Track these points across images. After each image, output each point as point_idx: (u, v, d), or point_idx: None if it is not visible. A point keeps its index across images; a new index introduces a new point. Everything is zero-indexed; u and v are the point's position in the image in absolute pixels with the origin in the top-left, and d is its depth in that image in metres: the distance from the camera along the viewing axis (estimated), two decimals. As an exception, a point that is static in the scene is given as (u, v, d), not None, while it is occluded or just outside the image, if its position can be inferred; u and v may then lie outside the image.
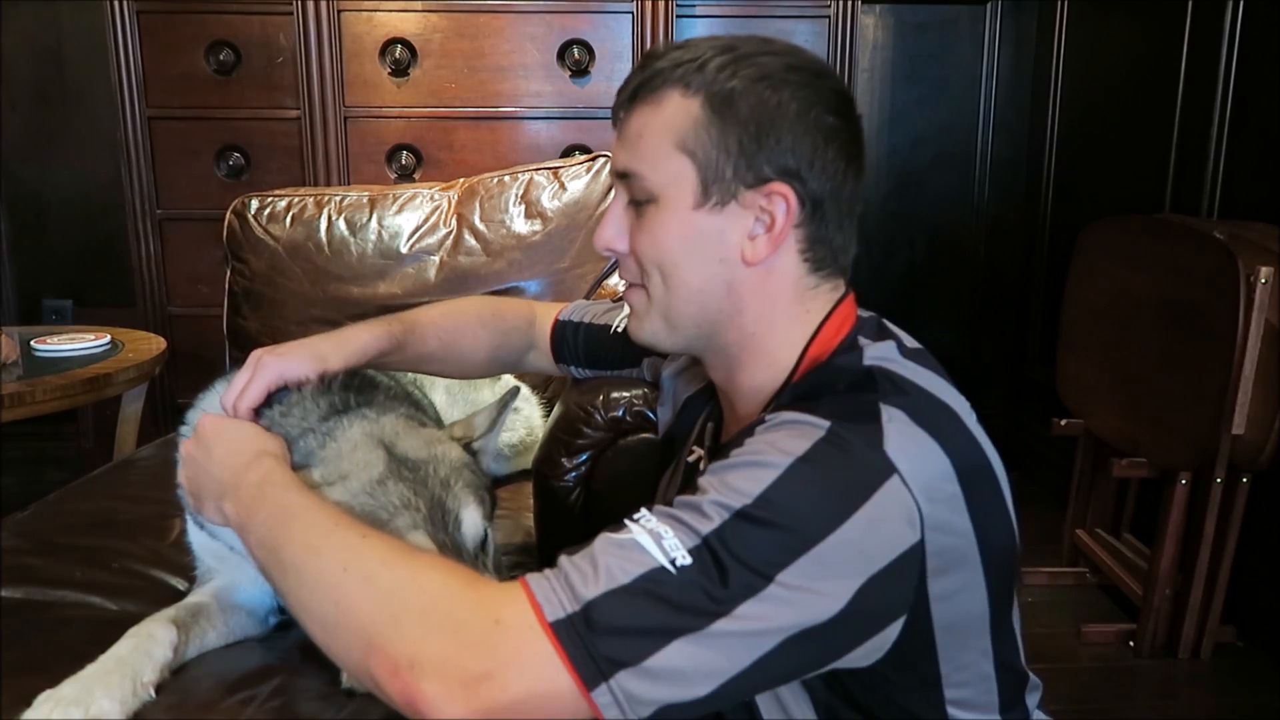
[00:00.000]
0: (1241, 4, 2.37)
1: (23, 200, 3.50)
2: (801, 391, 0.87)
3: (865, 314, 0.94)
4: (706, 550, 0.69)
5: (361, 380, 1.11)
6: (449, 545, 0.92)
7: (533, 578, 0.71)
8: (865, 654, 0.76)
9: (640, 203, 0.88)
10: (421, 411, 1.17)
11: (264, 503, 0.84)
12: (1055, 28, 3.28)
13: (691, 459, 1.06)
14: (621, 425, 1.24)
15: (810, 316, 0.90)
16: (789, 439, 0.75)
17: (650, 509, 0.74)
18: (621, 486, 1.24)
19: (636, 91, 0.88)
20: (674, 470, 1.12)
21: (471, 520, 0.95)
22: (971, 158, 3.79)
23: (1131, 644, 2.28)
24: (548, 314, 1.35)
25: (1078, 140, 3.22)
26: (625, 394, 1.24)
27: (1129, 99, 2.88)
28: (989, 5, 3.66)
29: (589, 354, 1.32)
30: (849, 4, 2.89)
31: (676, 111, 0.85)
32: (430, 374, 1.27)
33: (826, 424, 0.75)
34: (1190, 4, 2.55)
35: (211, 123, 2.87)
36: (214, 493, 0.91)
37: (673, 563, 0.69)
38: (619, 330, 1.26)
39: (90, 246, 3.48)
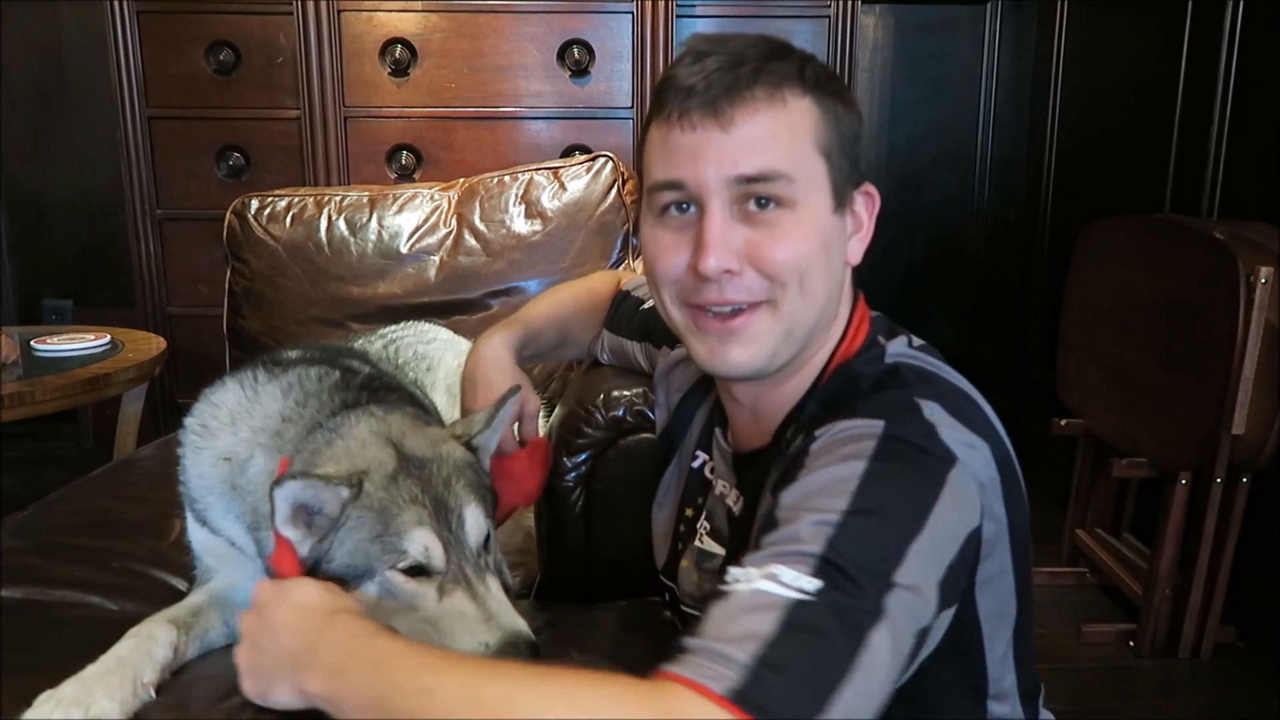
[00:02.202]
0: (1241, 4, 2.37)
1: (23, 200, 3.50)
2: (829, 396, 0.87)
3: (874, 313, 0.95)
4: (829, 566, 0.67)
5: (379, 381, 1.13)
6: (452, 542, 0.93)
7: (675, 667, 0.64)
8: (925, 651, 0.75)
9: (762, 207, 0.83)
10: (425, 412, 1.18)
11: (354, 660, 0.75)
12: (1055, 28, 3.28)
13: (696, 464, 1.06)
14: (622, 425, 1.24)
15: (842, 318, 0.92)
16: (852, 446, 0.74)
17: (740, 564, 0.70)
18: (622, 486, 1.23)
19: (747, 87, 0.82)
20: (677, 472, 1.12)
21: (474, 518, 0.96)
22: (971, 158, 3.80)
23: (1131, 644, 2.28)
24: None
25: (1078, 140, 3.22)
26: (626, 393, 1.24)
27: (1129, 99, 2.88)
28: (989, 5, 3.66)
29: (614, 320, 1.32)
30: (849, 4, 2.89)
31: (802, 112, 0.83)
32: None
33: (880, 424, 0.75)
34: (1190, 4, 2.55)
35: (211, 123, 2.87)
36: (286, 667, 0.78)
37: (804, 591, 0.65)
38: (647, 307, 1.25)
39: (90, 246, 3.48)
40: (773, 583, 0.66)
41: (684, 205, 0.85)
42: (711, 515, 1.03)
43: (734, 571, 0.69)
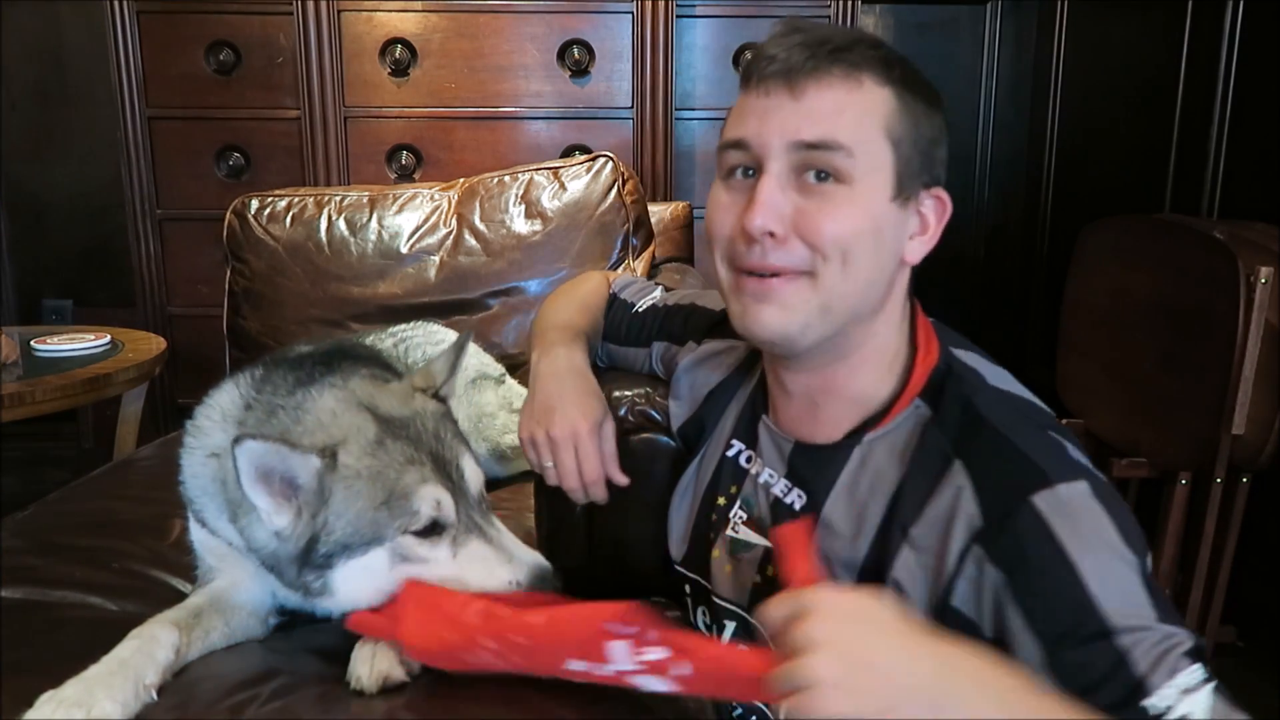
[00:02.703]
0: (1241, 4, 2.37)
1: (23, 200, 3.49)
2: (951, 423, 0.87)
3: (930, 318, 0.97)
4: (1187, 655, 0.71)
5: (332, 352, 1.12)
6: (458, 493, 0.94)
7: None
8: None
9: (820, 180, 0.84)
10: (388, 369, 1.16)
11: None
12: (1055, 28, 3.28)
13: (731, 453, 1.05)
14: (624, 425, 1.24)
15: (906, 320, 0.94)
16: (1090, 526, 0.76)
17: (1142, 695, 0.69)
18: (624, 486, 1.23)
19: (825, 64, 0.84)
20: (701, 463, 1.11)
21: (471, 467, 0.98)
22: (971, 158, 3.79)
23: (1132, 644, 2.28)
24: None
25: (1078, 140, 3.22)
26: (628, 393, 1.24)
27: (1129, 99, 2.88)
28: (989, 5, 3.66)
29: (610, 328, 1.30)
30: (849, 4, 2.89)
31: (876, 97, 0.85)
32: None
33: (1082, 485, 0.78)
34: (1190, 4, 2.55)
35: (211, 123, 2.87)
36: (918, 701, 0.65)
37: (1206, 682, 0.70)
38: (640, 310, 1.26)
39: (90, 246, 3.48)
40: (1183, 694, 0.69)
41: (749, 170, 0.88)
42: (749, 504, 1.02)
43: (1146, 704, 0.69)
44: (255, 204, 2.18)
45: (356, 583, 0.93)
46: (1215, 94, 2.44)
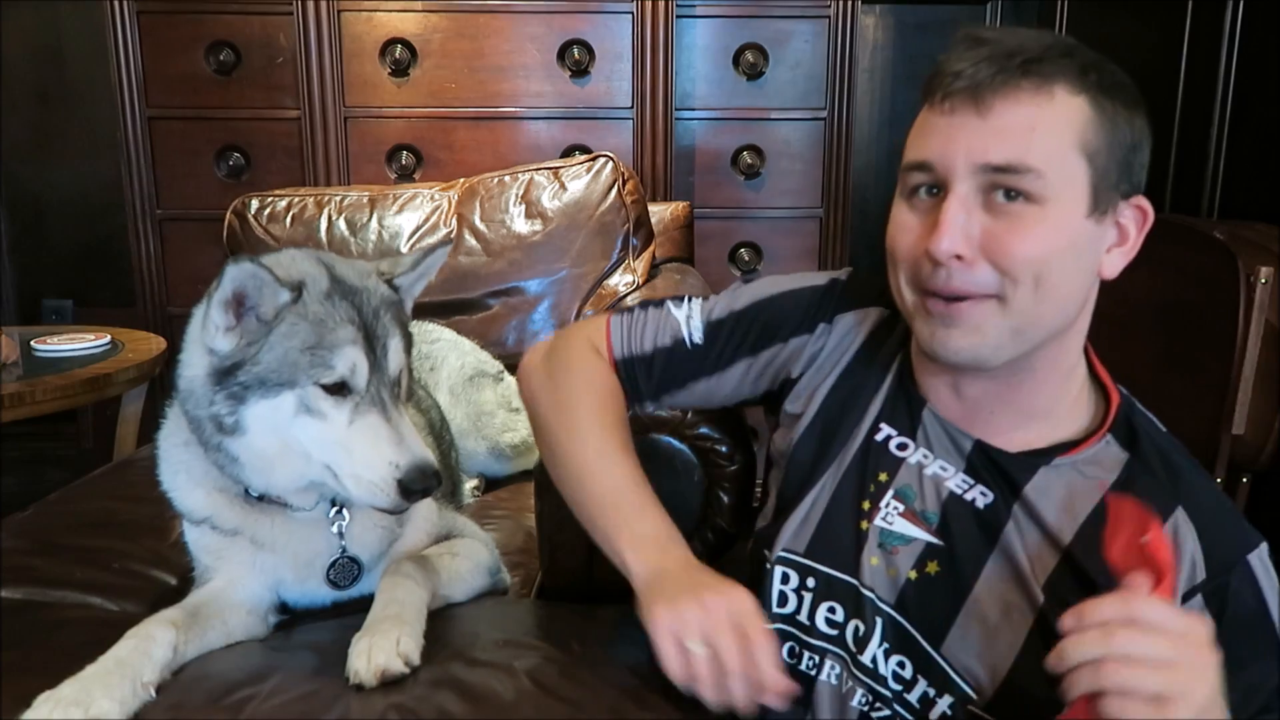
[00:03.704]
0: (1241, 4, 2.37)
1: (23, 200, 3.50)
2: (1126, 438, 0.91)
3: None
4: None
5: None
6: (375, 367, 1.00)
7: None
8: None
9: (1009, 199, 0.81)
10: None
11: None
12: (1055, 28, 3.28)
13: (880, 437, 0.97)
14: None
15: (1084, 331, 0.93)
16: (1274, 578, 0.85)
17: None
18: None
19: (1014, 78, 0.80)
20: (832, 444, 0.99)
21: (395, 349, 1.03)
22: (971, 158, 3.79)
23: (1132, 644, 2.28)
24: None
25: (1078, 140, 3.22)
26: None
27: (1129, 99, 2.88)
28: (989, 5, 3.66)
29: (663, 381, 1.08)
30: (849, 4, 2.89)
31: (1070, 109, 0.81)
32: None
33: (1261, 543, 0.86)
34: (1190, 4, 2.55)
35: (211, 123, 2.87)
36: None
37: None
38: (697, 341, 1.05)
39: (90, 246, 3.48)
40: None
41: (933, 189, 0.84)
42: (906, 494, 0.94)
43: None
44: (255, 204, 2.18)
45: (263, 422, 0.99)
46: (1215, 94, 2.44)
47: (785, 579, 0.96)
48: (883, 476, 0.96)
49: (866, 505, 0.95)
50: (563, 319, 2.12)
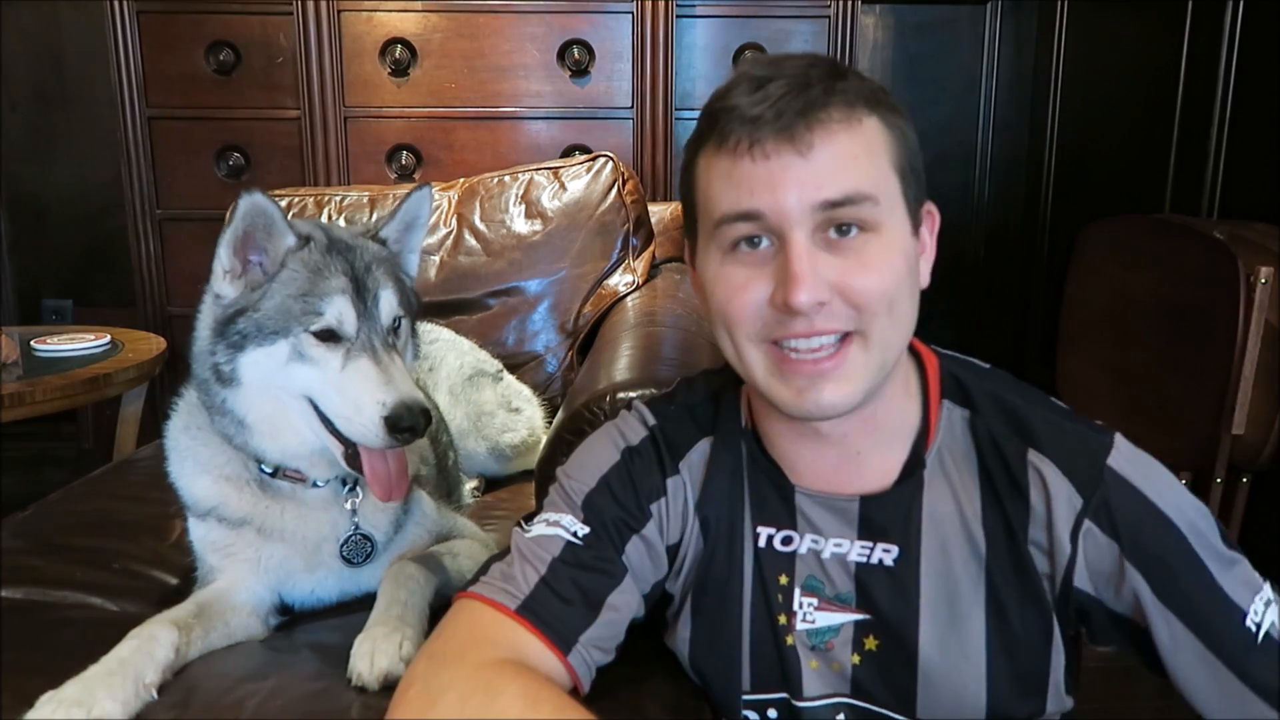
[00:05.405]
0: (1241, 4, 2.37)
1: (23, 200, 3.49)
2: (958, 394, 0.90)
3: None
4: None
5: None
6: (365, 316, 1.05)
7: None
8: None
9: (843, 234, 0.79)
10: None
11: None
12: (1055, 28, 3.28)
13: (762, 544, 0.92)
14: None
15: None
16: (1149, 468, 0.85)
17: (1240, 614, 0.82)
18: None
19: (818, 110, 0.78)
20: (711, 576, 0.93)
21: (387, 299, 1.08)
22: (971, 158, 3.80)
23: (1132, 644, 2.28)
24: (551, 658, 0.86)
25: (1078, 140, 3.22)
26: (631, 394, 1.24)
27: (1129, 99, 2.88)
28: (989, 5, 3.66)
29: (583, 596, 0.89)
30: (849, 4, 2.89)
31: (874, 130, 0.80)
32: None
33: (1116, 434, 0.86)
34: (1190, 4, 2.56)
35: (211, 123, 2.87)
36: None
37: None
38: (583, 532, 0.91)
39: (90, 246, 3.48)
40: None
41: (755, 239, 0.81)
42: (813, 586, 0.90)
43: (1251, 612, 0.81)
44: (255, 204, 2.18)
45: (258, 369, 1.04)
46: (1215, 94, 2.44)
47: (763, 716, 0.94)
48: (782, 579, 0.91)
49: (783, 619, 0.91)
50: (563, 319, 2.12)
